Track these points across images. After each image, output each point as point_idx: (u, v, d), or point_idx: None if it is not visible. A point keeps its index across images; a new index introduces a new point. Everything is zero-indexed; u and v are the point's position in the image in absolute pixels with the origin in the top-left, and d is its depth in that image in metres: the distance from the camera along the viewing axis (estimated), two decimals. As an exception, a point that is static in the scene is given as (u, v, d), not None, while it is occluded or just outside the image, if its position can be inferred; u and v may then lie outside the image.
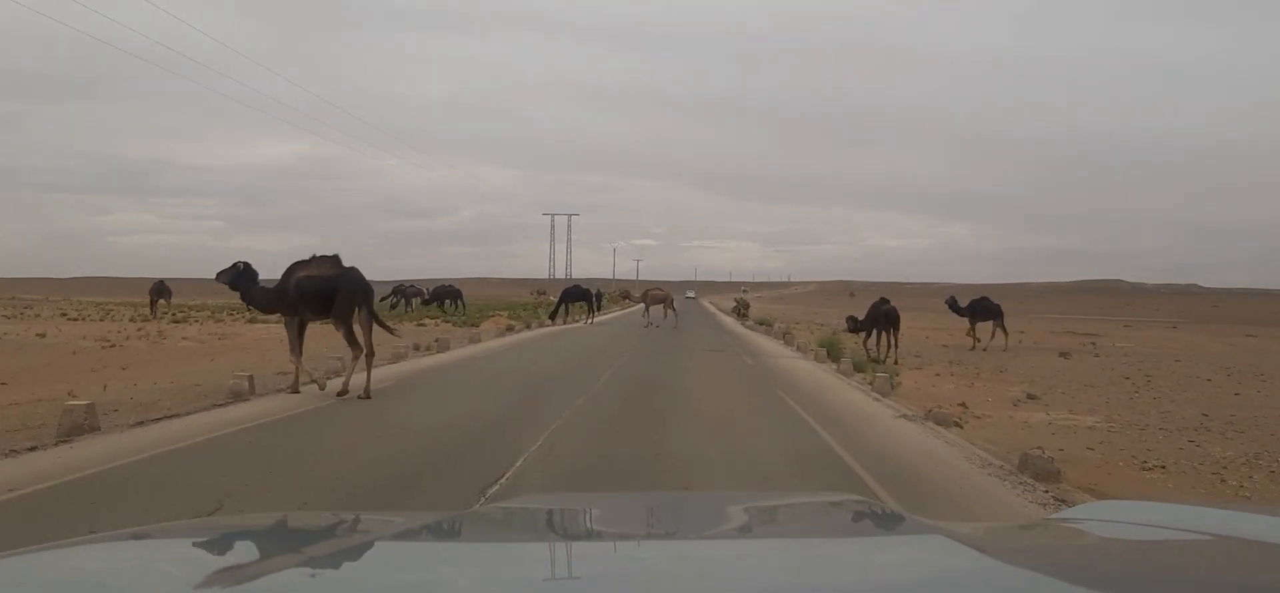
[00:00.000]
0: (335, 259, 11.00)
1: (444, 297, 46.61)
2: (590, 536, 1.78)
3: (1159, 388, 16.12)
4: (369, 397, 10.45)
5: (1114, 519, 1.67)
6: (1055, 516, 2.16)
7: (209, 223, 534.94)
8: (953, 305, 26.30)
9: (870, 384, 13.74)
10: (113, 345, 21.18)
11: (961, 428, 9.94)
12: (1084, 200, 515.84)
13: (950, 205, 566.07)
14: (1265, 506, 6.49)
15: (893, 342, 20.79)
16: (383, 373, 14.34)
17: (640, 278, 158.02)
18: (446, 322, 37.29)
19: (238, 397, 10.32)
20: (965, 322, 26.24)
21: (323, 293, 10.76)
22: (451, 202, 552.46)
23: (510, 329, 29.89)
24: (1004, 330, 25.99)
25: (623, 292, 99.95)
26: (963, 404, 12.81)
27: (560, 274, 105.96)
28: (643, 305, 38.94)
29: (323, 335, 13.73)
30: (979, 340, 25.56)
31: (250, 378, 10.92)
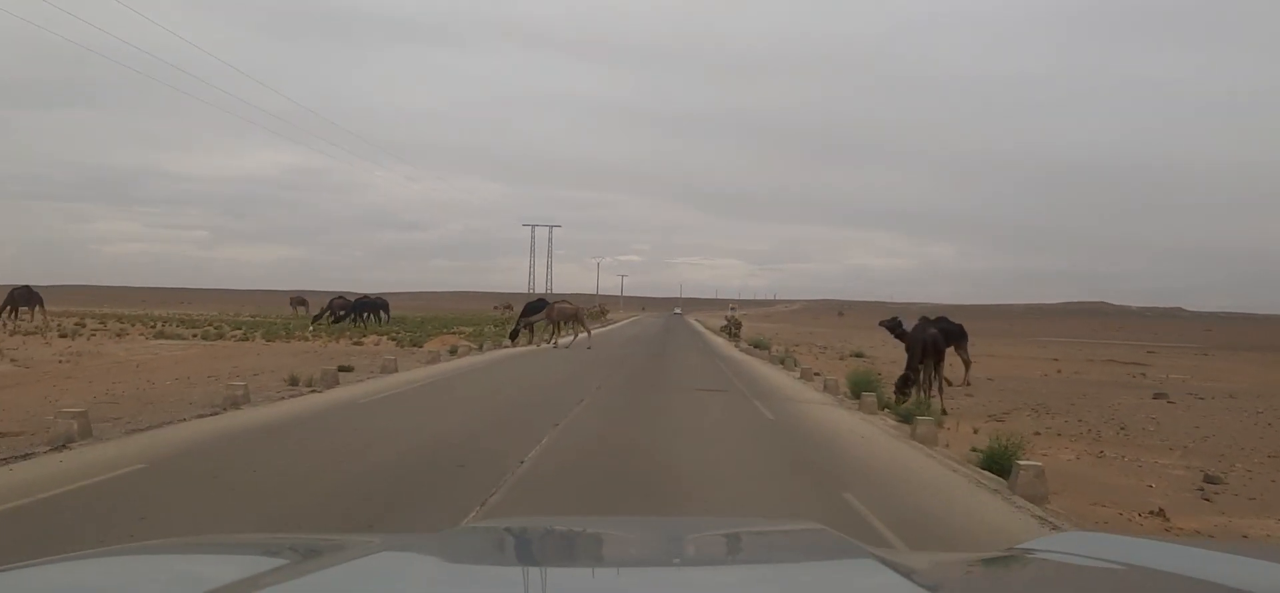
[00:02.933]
0: None
1: (365, 309, 41.32)
2: (564, 559, 1.85)
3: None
4: None
5: (1073, 553, 1.67)
6: (1021, 546, 1.85)
7: (194, 233, 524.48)
8: (894, 328, 17.12)
9: (997, 469, 8.12)
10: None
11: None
12: (1065, 221, 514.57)
13: (934, 225, 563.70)
14: (1232, 542, 5.92)
15: (936, 378, 15.38)
16: (150, 443, 8.49)
17: (625, 294, 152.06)
18: (392, 339, 31.59)
19: None
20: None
21: None
22: (439, 215, 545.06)
23: (454, 352, 24.13)
24: (966, 359, 19.99)
25: (599, 308, 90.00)
26: (1159, 512, 7.37)
27: (541, 289, 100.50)
28: (545, 323, 29.11)
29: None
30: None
31: None
